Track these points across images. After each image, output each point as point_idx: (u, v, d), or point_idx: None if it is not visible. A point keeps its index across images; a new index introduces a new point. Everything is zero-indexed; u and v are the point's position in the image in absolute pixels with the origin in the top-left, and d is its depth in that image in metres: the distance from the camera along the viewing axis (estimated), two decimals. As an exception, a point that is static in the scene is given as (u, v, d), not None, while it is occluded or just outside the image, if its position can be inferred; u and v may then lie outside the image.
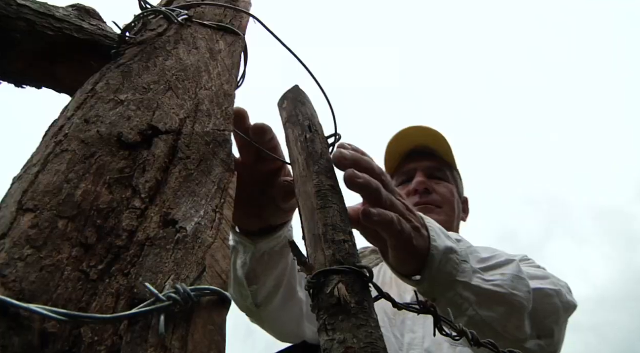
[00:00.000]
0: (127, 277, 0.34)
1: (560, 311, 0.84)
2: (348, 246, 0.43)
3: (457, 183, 1.37)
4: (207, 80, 0.53)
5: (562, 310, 0.84)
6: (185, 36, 0.59)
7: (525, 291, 0.73)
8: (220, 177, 0.43)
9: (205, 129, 0.47)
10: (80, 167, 0.39)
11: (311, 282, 0.41)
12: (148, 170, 0.40)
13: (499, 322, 0.70)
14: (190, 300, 0.32)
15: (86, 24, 0.60)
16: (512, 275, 0.73)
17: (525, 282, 0.74)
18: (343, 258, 0.42)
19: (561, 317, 0.85)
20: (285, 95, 0.60)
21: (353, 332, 0.37)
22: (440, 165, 1.34)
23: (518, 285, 0.72)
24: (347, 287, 0.39)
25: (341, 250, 0.42)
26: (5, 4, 0.54)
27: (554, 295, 0.83)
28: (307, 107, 0.59)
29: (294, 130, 0.55)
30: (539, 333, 0.79)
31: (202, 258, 0.36)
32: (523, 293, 0.72)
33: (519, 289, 0.72)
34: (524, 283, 0.74)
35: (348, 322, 0.37)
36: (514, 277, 0.73)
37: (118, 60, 0.53)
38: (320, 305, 0.39)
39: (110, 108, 0.45)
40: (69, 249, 0.35)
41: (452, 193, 1.31)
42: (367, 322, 0.38)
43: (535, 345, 0.78)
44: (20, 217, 0.35)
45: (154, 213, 0.38)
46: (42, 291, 0.32)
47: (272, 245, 0.82)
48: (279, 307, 0.92)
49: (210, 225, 0.38)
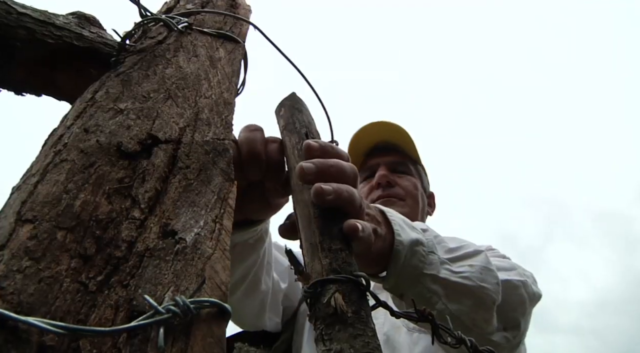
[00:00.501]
0: (126, 289, 0.34)
1: (527, 302, 0.83)
2: (345, 255, 0.43)
3: (421, 178, 1.36)
4: (207, 88, 0.53)
5: (529, 301, 0.83)
6: (185, 44, 0.59)
7: (494, 283, 0.72)
8: (220, 187, 0.43)
9: (205, 138, 0.47)
10: (79, 177, 0.39)
11: (308, 291, 0.41)
12: (148, 180, 0.40)
13: (468, 316, 0.68)
14: (190, 312, 0.32)
15: (86, 32, 0.60)
16: (480, 267, 0.71)
17: (494, 274, 0.73)
18: (340, 267, 0.41)
19: (527, 309, 0.84)
20: (282, 102, 0.60)
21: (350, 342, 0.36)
22: (404, 159, 1.34)
23: (487, 278, 0.71)
24: (344, 296, 0.39)
25: (338, 259, 0.42)
26: (5, 12, 0.54)
27: (521, 286, 0.81)
28: (305, 114, 0.58)
29: (291, 138, 0.55)
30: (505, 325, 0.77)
31: (202, 269, 0.35)
32: (492, 286, 0.71)
33: (488, 282, 0.71)
34: (493, 275, 0.73)
35: (345, 332, 0.37)
36: (483, 269, 0.71)
37: (118, 69, 0.53)
38: (317, 315, 0.39)
39: (110, 117, 0.45)
40: (68, 260, 0.34)
41: (416, 187, 1.30)
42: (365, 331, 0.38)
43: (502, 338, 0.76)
44: (19, 228, 0.35)
45: (154, 224, 0.38)
46: (40, 303, 0.32)
47: (247, 238, 0.78)
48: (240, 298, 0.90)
49: (210, 236, 0.38)
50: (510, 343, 0.79)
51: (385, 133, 1.33)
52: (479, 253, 0.74)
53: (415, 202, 1.28)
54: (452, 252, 0.71)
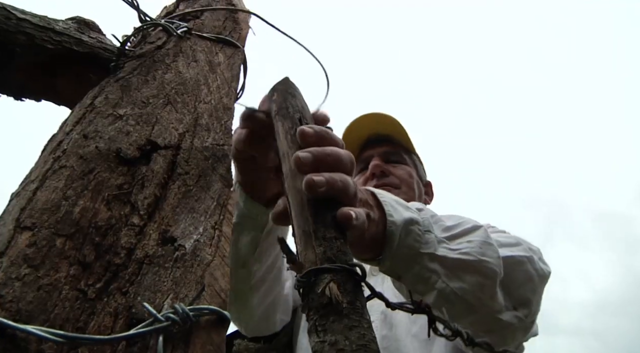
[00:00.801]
0: (125, 296, 0.34)
1: (535, 278, 0.79)
2: (340, 243, 0.42)
3: (416, 166, 1.35)
4: (206, 93, 0.53)
5: (537, 278, 0.80)
6: (184, 49, 0.59)
7: (496, 257, 0.70)
8: (220, 193, 0.43)
9: (204, 143, 0.46)
10: (78, 184, 0.39)
11: (301, 280, 0.39)
12: (147, 186, 0.40)
13: (471, 293, 0.66)
14: (189, 320, 0.32)
15: (86, 37, 0.60)
16: (480, 242, 0.69)
17: (494, 248, 0.70)
18: (335, 256, 0.40)
19: (537, 285, 0.80)
20: (274, 87, 0.57)
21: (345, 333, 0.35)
22: (397, 149, 1.33)
23: (487, 252, 0.68)
24: (339, 286, 0.37)
25: (333, 248, 0.41)
26: (5, 18, 0.54)
27: (526, 262, 0.78)
28: (298, 99, 0.56)
29: (284, 123, 0.52)
30: (514, 303, 0.75)
31: (201, 276, 0.35)
32: (493, 259, 0.69)
33: (489, 255, 0.68)
34: (493, 249, 0.70)
35: (340, 323, 0.36)
36: (483, 243, 0.69)
37: (117, 74, 0.53)
38: (311, 305, 0.37)
39: (109, 123, 0.45)
40: (67, 268, 0.34)
41: (411, 175, 1.29)
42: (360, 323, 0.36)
43: (513, 317, 0.74)
44: (18, 235, 0.35)
45: (153, 231, 0.38)
46: (39, 311, 0.32)
47: None
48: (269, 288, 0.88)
49: (210, 243, 0.38)
50: (523, 323, 0.76)
51: (377, 125, 1.33)
52: (478, 228, 0.72)
53: (410, 189, 1.27)
54: (450, 230, 0.69)
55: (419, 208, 0.68)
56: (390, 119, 1.33)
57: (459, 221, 0.73)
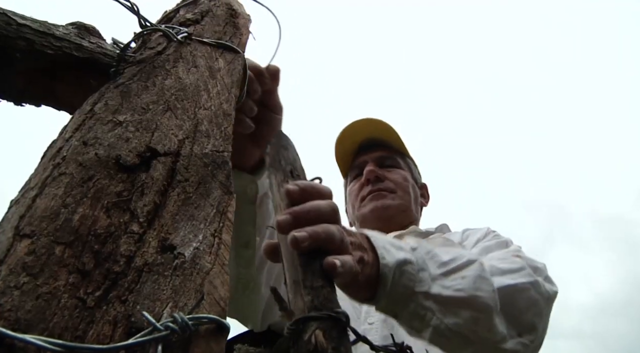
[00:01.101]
0: (124, 304, 0.34)
1: (540, 303, 0.81)
2: (326, 291, 0.44)
3: (411, 169, 1.36)
4: (206, 99, 0.53)
5: (543, 301, 0.81)
6: (184, 54, 0.59)
7: (490, 291, 0.71)
8: (219, 200, 0.43)
9: (204, 150, 0.46)
10: (78, 191, 0.39)
11: (290, 328, 0.42)
12: (146, 194, 0.40)
13: (467, 327, 0.68)
14: (188, 329, 0.31)
15: (86, 43, 0.60)
16: (474, 277, 0.71)
17: (489, 282, 0.72)
18: (321, 304, 0.43)
19: (543, 309, 0.82)
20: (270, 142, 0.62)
21: None
22: (391, 154, 1.34)
23: (481, 286, 0.70)
24: (325, 333, 0.40)
25: (319, 296, 0.43)
26: (5, 23, 0.54)
27: (530, 288, 0.79)
28: (290, 151, 0.60)
29: (276, 175, 0.56)
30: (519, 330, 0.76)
31: (201, 285, 0.35)
32: (487, 293, 0.70)
33: (482, 289, 0.70)
34: (487, 283, 0.72)
35: None
36: (477, 277, 0.71)
37: (117, 80, 0.53)
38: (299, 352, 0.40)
39: (109, 129, 0.45)
40: (66, 276, 0.34)
41: (406, 179, 1.30)
42: None
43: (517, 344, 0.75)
44: (17, 243, 0.35)
45: (152, 238, 0.37)
46: (38, 320, 0.32)
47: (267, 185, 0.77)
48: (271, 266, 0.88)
49: (209, 251, 0.38)
50: (528, 348, 0.77)
51: (370, 130, 1.34)
52: (472, 263, 0.74)
53: (406, 193, 1.28)
54: (445, 266, 0.71)
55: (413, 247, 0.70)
56: (383, 124, 1.34)
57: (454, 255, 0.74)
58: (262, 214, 0.83)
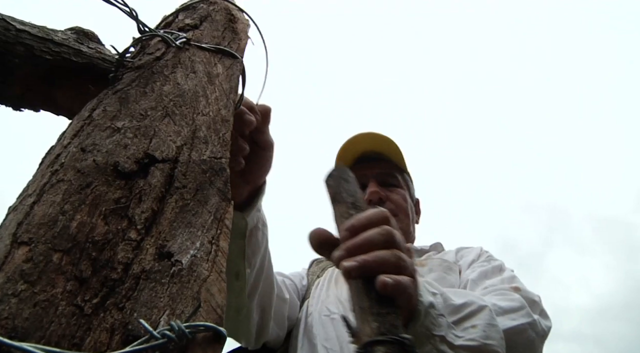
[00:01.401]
0: (122, 312, 0.34)
1: (536, 342, 0.87)
2: (392, 318, 0.48)
3: (409, 187, 1.40)
4: (204, 105, 0.53)
5: (538, 341, 0.87)
6: (183, 60, 0.59)
7: (499, 338, 0.76)
8: (217, 207, 0.43)
9: (202, 156, 0.47)
10: (76, 198, 0.39)
11: (359, 351, 0.45)
12: (144, 201, 0.40)
13: None
14: (185, 337, 0.32)
15: (85, 48, 0.60)
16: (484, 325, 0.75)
17: (498, 329, 0.77)
18: (387, 330, 0.45)
19: (538, 347, 0.88)
20: (331, 173, 0.66)
21: None
22: (391, 169, 1.37)
23: (491, 334, 0.75)
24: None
25: (385, 323, 0.47)
26: (4, 29, 0.54)
27: (528, 328, 0.85)
28: (351, 184, 0.64)
29: (339, 207, 0.60)
30: None
31: (198, 292, 0.35)
32: (497, 341, 0.75)
33: (492, 338, 0.75)
34: (497, 330, 0.77)
35: None
36: (487, 326, 0.75)
37: (116, 86, 0.53)
38: None
39: (107, 136, 0.45)
40: (63, 283, 0.34)
41: (405, 199, 1.34)
42: None
43: None
44: (15, 250, 0.35)
45: (150, 245, 0.38)
46: (35, 328, 0.32)
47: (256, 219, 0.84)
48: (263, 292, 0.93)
49: (207, 258, 0.38)
50: None
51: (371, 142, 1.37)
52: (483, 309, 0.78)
53: (406, 216, 1.32)
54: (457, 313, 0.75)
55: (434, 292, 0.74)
56: (384, 138, 1.38)
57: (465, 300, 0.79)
58: (252, 247, 0.87)
